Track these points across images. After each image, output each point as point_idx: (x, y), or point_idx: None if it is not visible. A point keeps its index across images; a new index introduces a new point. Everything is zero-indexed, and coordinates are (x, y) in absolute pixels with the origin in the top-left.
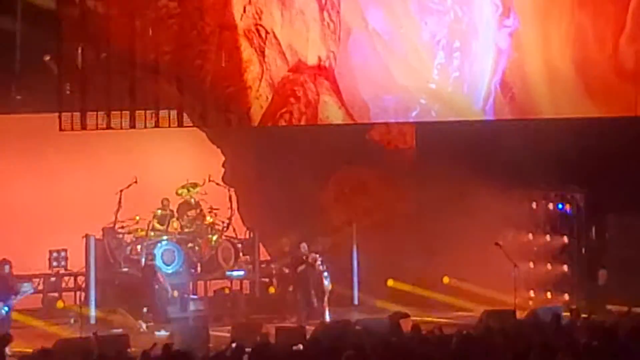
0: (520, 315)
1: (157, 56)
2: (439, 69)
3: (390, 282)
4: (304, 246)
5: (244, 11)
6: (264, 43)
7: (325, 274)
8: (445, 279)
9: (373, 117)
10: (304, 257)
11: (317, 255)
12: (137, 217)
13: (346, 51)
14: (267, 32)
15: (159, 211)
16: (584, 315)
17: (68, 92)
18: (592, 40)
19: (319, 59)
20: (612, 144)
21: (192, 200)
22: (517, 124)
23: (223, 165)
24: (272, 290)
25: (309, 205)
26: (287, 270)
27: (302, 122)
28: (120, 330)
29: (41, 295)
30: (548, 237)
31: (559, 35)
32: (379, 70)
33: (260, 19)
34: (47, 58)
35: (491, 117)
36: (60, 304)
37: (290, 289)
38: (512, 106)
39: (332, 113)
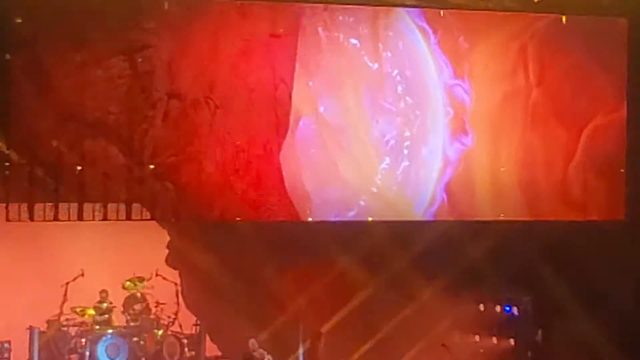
0: None
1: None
2: (385, 169)
3: None
4: (252, 342)
5: (195, 81)
6: (213, 116)
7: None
8: None
9: (314, 208)
10: (253, 354)
11: (265, 352)
12: (82, 310)
13: (293, 137)
14: (216, 107)
15: (104, 304)
16: None
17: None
18: (540, 164)
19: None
20: (561, 248)
21: (138, 294)
22: (466, 225)
23: (167, 247)
24: None
25: (258, 298)
26: None
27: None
28: None
29: None
30: (495, 340)
31: (508, 154)
32: (325, 161)
33: (211, 91)
34: None
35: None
36: None
37: None
38: (455, 216)
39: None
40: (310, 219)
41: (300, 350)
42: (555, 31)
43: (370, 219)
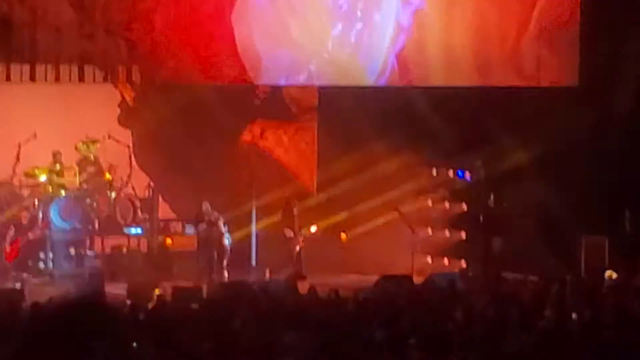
0: (416, 280)
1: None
2: (337, 35)
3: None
4: (206, 205)
5: None
6: None
7: (227, 234)
8: (343, 236)
9: (264, 70)
10: (206, 217)
11: (219, 215)
12: (36, 171)
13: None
14: None
15: (57, 166)
16: (478, 282)
17: None
18: (494, 34)
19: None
20: (514, 114)
21: (92, 157)
22: (419, 91)
23: (119, 106)
24: (169, 241)
25: (211, 162)
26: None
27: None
28: (15, 285)
29: None
30: (447, 204)
31: (462, 23)
32: (277, 23)
33: None
34: None
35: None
36: None
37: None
38: (407, 83)
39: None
40: (260, 82)
41: (254, 212)
42: None
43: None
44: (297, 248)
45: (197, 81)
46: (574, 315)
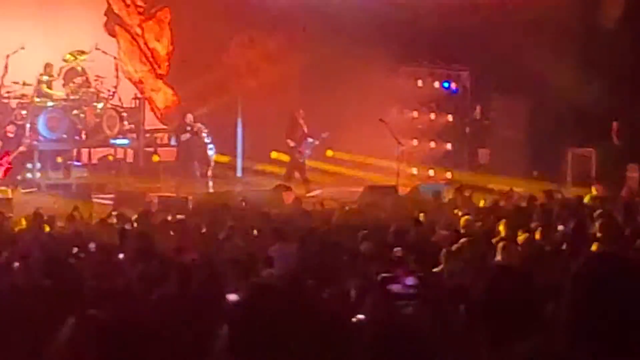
0: (402, 191)
1: None
2: None
3: (274, 154)
4: (189, 116)
5: None
6: None
7: (211, 145)
8: (329, 152)
9: None
10: (189, 127)
11: (203, 126)
12: (23, 82)
13: None
14: None
15: (45, 77)
16: (465, 194)
17: None
18: None
19: None
20: (500, 24)
21: (79, 68)
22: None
23: (105, 14)
24: (156, 158)
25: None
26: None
27: None
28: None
29: None
30: (433, 115)
31: None
32: None
33: None
34: None
35: None
36: None
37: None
38: None
39: None
40: None
41: (239, 123)
42: None
43: None
44: (301, 158)
45: None
46: (560, 227)
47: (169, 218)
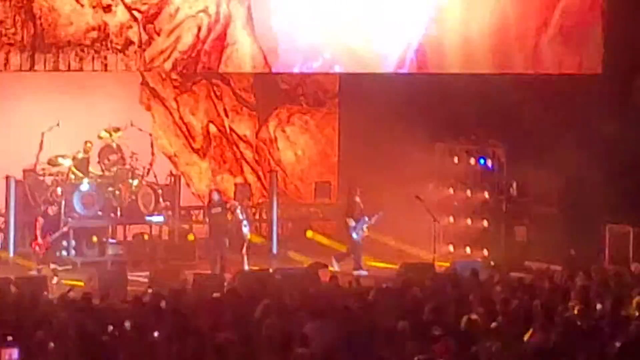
0: (438, 269)
1: None
2: (355, 21)
3: (309, 233)
4: (215, 195)
5: None
6: None
7: (245, 222)
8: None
9: (281, 53)
10: (217, 205)
11: (237, 203)
12: (59, 160)
13: None
14: None
15: (80, 154)
16: (502, 272)
17: None
18: (513, 34)
19: None
20: (536, 101)
21: (114, 145)
22: (440, 78)
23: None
24: (191, 237)
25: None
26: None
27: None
28: (37, 273)
29: None
30: (469, 192)
31: (482, 20)
32: (295, 6)
33: None
34: None
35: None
36: None
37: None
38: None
39: (240, 37)
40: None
41: (274, 200)
42: None
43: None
44: (360, 237)
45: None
46: (598, 306)
47: (205, 296)
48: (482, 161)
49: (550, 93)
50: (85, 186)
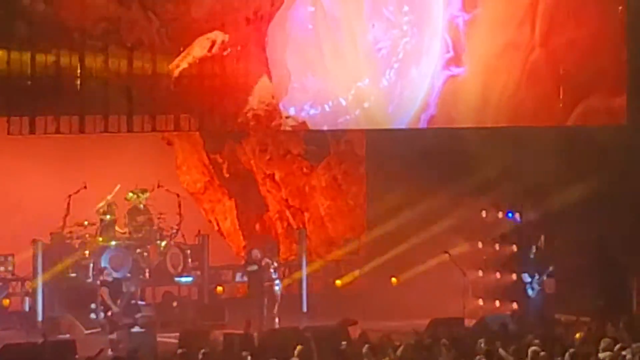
0: (468, 323)
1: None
2: (369, 77)
3: (338, 283)
4: (255, 252)
5: None
6: None
7: (277, 281)
8: (394, 280)
9: (291, 91)
10: (256, 263)
11: (270, 261)
12: (86, 222)
13: (286, 10)
14: None
15: (108, 216)
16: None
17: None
18: (529, 122)
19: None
20: (563, 153)
21: (141, 206)
22: (466, 132)
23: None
24: (219, 290)
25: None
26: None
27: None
28: (67, 336)
29: None
30: (497, 246)
31: (498, 103)
32: (313, 47)
33: None
34: None
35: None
36: (6, 302)
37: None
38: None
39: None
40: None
41: (304, 257)
42: None
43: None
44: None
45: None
46: (628, 357)
47: (236, 355)
48: (510, 215)
49: (577, 145)
50: (112, 248)
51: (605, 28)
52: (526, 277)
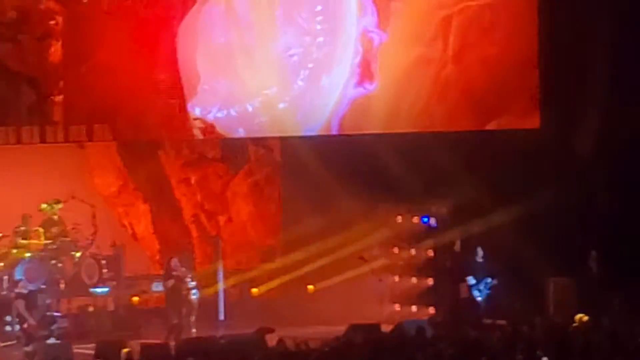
0: (385, 329)
1: None
2: (280, 83)
3: (254, 291)
4: (175, 261)
5: None
6: None
7: (194, 290)
8: (310, 287)
9: (200, 92)
10: (174, 272)
11: (186, 270)
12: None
13: (198, 12)
14: None
15: (22, 227)
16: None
17: None
18: (442, 123)
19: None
20: (477, 158)
21: (55, 217)
22: (380, 138)
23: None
24: (135, 300)
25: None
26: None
27: None
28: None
29: None
30: (413, 251)
31: (408, 116)
32: (223, 50)
33: None
34: None
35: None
36: None
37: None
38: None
39: None
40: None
41: (220, 266)
42: (485, 15)
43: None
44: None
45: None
46: (544, 359)
47: None
48: (425, 220)
49: (490, 149)
50: (27, 260)
51: (518, 46)
52: (471, 280)
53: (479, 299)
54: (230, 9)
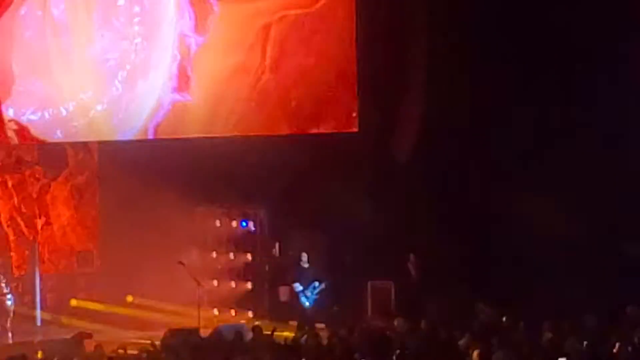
0: (204, 333)
1: None
2: (96, 89)
3: (73, 302)
4: None
5: None
6: None
7: (9, 295)
8: (129, 298)
9: (14, 94)
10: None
11: (1, 275)
12: None
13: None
14: None
15: None
16: (267, 332)
17: None
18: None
19: None
20: (294, 161)
21: None
22: (197, 143)
23: None
24: None
25: None
26: None
27: None
28: None
29: None
30: (232, 255)
31: (225, 123)
32: (40, 53)
33: None
34: None
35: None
36: None
37: None
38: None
39: None
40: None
41: (37, 272)
42: (304, 25)
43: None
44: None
45: None
46: None
47: None
48: (244, 224)
49: (310, 154)
50: None
51: (335, 55)
52: (298, 287)
53: (307, 304)
54: (47, 11)
